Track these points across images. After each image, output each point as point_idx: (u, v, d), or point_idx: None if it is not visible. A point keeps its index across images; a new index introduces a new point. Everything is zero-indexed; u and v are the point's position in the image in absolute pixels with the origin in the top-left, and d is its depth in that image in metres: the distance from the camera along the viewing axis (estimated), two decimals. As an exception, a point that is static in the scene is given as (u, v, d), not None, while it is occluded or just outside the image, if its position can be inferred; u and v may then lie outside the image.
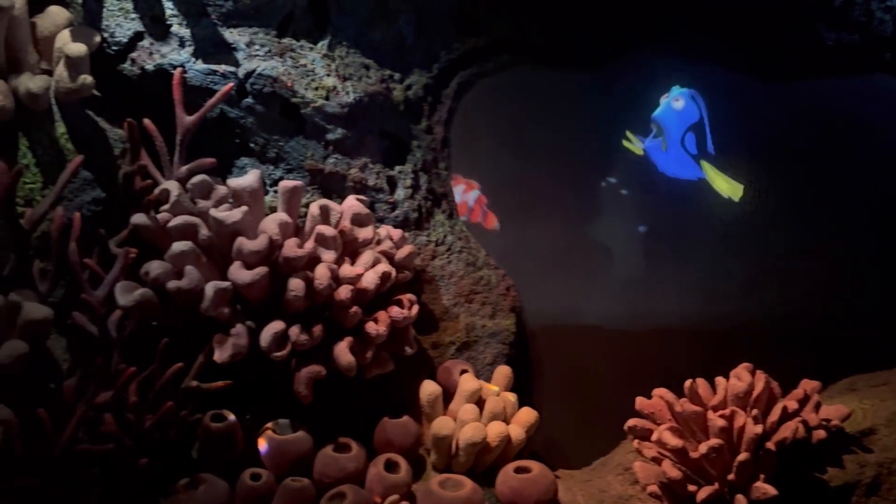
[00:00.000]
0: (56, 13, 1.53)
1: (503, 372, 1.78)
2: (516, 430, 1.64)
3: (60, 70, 1.48)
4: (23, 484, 1.29)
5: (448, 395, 1.71)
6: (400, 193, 1.84)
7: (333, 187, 1.75)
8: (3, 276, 1.41)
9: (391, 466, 1.55)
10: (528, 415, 1.68)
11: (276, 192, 1.70)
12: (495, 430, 1.60)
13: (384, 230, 1.73)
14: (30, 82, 1.44)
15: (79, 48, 1.45)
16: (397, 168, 1.86)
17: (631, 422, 1.59)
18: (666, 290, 2.01)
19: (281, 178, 1.71)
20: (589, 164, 2.03)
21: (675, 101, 1.92)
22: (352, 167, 1.77)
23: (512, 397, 1.72)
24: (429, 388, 1.67)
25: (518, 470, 1.58)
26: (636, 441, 1.57)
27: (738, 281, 2.01)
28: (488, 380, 1.78)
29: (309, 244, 1.57)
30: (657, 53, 1.99)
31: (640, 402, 1.62)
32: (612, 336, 1.99)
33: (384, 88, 1.83)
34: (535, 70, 1.99)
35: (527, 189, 1.99)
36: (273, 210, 1.67)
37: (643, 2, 1.96)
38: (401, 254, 1.69)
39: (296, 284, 1.50)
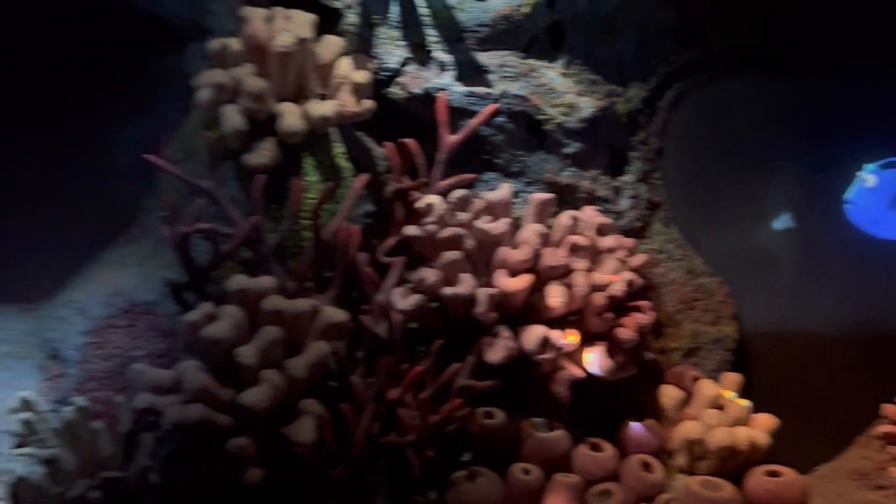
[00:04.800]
0: (333, 42, 1.67)
1: (733, 378, 1.81)
2: (761, 435, 1.67)
3: (345, 95, 1.62)
4: (337, 475, 1.43)
5: (681, 399, 1.77)
6: (624, 203, 1.91)
7: (567, 198, 1.83)
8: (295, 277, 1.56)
9: (646, 467, 1.62)
10: (769, 420, 1.71)
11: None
12: (744, 435, 1.64)
13: (618, 239, 1.80)
14: (322, 108, 1.58)
15: (366, 75, 1.59)
16: (621, 179, 1.93)
17: (883, 428, 1.61)
18: (881, 296, 1.99)
19: (520, 192, 1.81)
20: (798, 171, 2.04)
21: (865, 181, 1.84)
22: (584, 179, 1.85)
23: (746, 403, 1.75)
24: (672, 393, 1.73)
25: (767, 474, 1.61)
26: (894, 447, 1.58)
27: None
28: (714, 385, 1.82)
29: (562, 252, 1.66)
30: (878, 63, 1.97)
31: (887, 408, 1.63)
32: (829, 343, 1.99)
33: (610, 103, 1.90)
34: (751, 80, 2.02)
35: (741, 197, 2.02)
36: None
37: (861, 12, 1.96)
38: (635, 262, 1.76)
39: (559, 291, 1.59)
